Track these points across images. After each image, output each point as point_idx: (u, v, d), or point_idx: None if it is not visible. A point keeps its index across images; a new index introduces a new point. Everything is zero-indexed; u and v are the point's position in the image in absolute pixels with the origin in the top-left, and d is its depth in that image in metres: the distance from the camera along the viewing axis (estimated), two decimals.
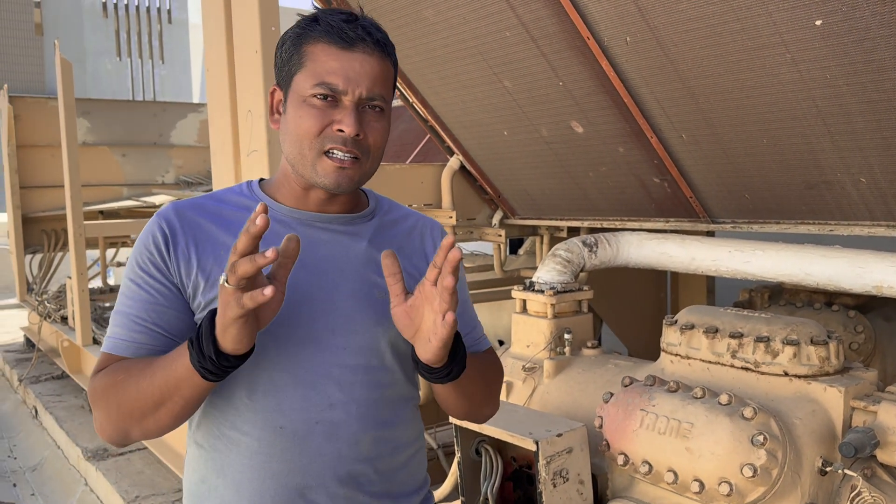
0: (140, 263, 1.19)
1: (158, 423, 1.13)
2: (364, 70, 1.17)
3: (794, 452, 1.89)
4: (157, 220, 1.22)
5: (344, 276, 1.23)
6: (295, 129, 1.18)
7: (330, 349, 1.20)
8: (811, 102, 2.31)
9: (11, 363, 7.05)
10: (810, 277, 2.49)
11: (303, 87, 1.17)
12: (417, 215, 1.39)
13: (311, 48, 1.18)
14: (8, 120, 7.14)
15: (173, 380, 1.08)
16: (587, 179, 3.31)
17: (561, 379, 2.60)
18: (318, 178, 1.19)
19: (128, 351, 1.17)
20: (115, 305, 1.22)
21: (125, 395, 1.12)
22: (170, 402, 1.10)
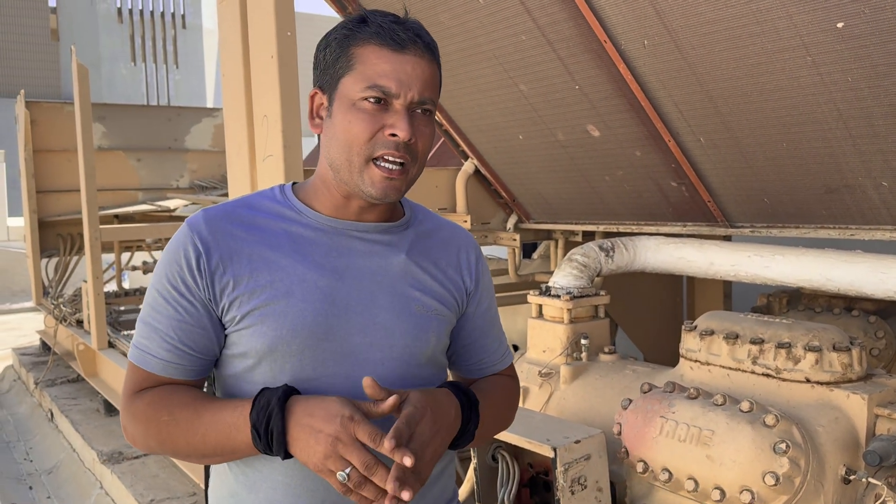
0: (169, 277, 1.17)
1: (200, 462, 1.18)
2: (416, 73, 1.13)
3: (816, 460, 1.86)
4: (189, 232, 1.17)
5: (382, 289, 1.21)
6: (344, 134, 1.14)
7: (368, 363, 1.18)
8: (832, 105, 2.28)
9: (28, 366, 7.09)
10: (831, 282, 2.46)
11: (352, 90, 1.13)
12: (452, 226, 1.37)
13: (361, 50, 1.14)
14: (25, 125, 7.18)
15: (229, 446, 1.11)
16: (603, 183, 3.29)
17: (578, 385, 2.58)
18: (365, 186, 1.15)
19: (158, 369, 1.17)
20: (141, 310, 1.20)
21: (170, 441, 1.15)
22: (219, 457, 1.15)
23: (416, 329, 1.22)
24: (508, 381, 1.42)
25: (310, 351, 1.16)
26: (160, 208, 7.38)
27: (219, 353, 1.21)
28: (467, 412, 1.19)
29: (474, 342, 1.37)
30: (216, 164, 8.14)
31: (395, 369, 1.21)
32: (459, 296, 1.31)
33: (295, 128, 2.75)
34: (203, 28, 26.75)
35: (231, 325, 1.17)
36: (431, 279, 1.26)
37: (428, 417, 1.10)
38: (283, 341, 1.14)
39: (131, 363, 1.19)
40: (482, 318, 1.37)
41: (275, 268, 1.16)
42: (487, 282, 1.37)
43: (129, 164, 7.79)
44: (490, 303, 1.39)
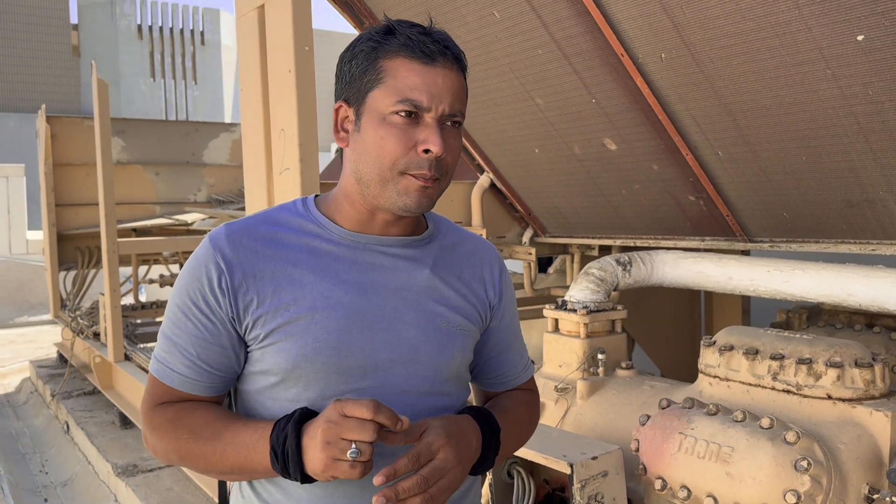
0: (190, 294, 1.16)
1: (219, 477, 1.19)
2: (446, 85, 1.11)
3: (839, 479, 1.83)
4: (212, 250, 1.15)
5: (406, 304, 1.19)
6: (376, 150, 1.12)
7: (392, 379, 1.17)
8: (852, 119, 2.26)
9: (45, 378, 7.13)
10: (852, 298, 2.43)
11: (382, 103, 1.11)
12: (475, 239, 1.35)
13: (390, 63, 1.11)
14: (45, 139, 7.27)
15: (248, 467, 1.11)
16: (620, 197, 3.27)
17: (595, 400, 2.56)
18: (399, 199, 1.13)
19: (177, 384, 1.18)
20: (162, 322, 1.20)
21: (190, 457, 1.15)
22: (237, 476, 1.16)
23: (441, 345, 1.20)
24: (529, 396, 1.40)
25: (334, 368, 1.14)
26: (177, 222, 7.44)
27: (239, 371, 1.20)
28: (488, 439, 1.18)
29: (497, 356, 1.35)
30: (233, 179, 8.20)
31: (420, 385, 1.19)
32: (483, 310, 1.29)
33: (312, 141, 2.76)
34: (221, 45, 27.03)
35: (254, 342, 1.16)
36: (456, 294, 1.24)
37: (449, 447, 1.08)
38: (306, 359, 1.13)
39: (152, 375, 1.19)
40: (505, 331, 1.35)
41: (298, 285, 1.14)
42: (511, 295, 1.36)
43: (147, 178, 7.86)
44: (512, 317, 1.37)
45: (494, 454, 1.19)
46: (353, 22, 3.38)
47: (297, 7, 2.70)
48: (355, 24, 3.38)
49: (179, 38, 26.64)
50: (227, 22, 27.16)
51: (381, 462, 1.12)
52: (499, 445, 1.20)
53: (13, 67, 24.36)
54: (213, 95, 27.20)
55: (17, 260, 12.68)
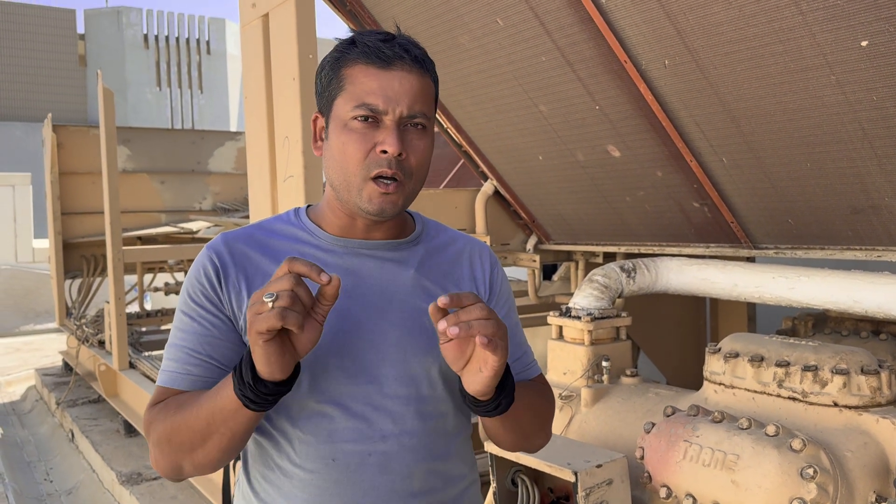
0: (193, 296, 1.19)
1: (208, 457, 1.11)
2: (403, 88, 1.14)
3: (845, 487, 1.81)
4: (208, 252, 1.21)
5: (392, 305, 1.21)
6: (340, 156, 1.16)
7: (381, 380, 1.18)
8: (857, 125, 2.26)
9: (50, 387, 7.14)
10: (858, 305, 2.41)
11: (343, 110, 1.15)
12: (464, 238, 1.36)
13: (350, 70, 1.16)
14: (51, 148, 7.31)
15: (219, 411, 1.07)
16: (624, 204, 3.27)
17: (599, 408, 2.54)
18: (363, 204, 1.16)
19: (183, 383, 1.16)
20: (169, 338, 1.21)
21: (175, 429, 1.11)
22: (217, 435, 1.08)
23: (427, 343, 1.21)
24: (539, 381, 1.36)
25: (323, 368, 1.16)
26: (183, 230, 7.45)
27: None
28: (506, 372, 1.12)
29: None
30: (238, 187, 8.21)
31: (409, 385, 1.20)
32: None
33: None
34: (227, 54, 27.17)
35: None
36: (443, 292, 1.24)
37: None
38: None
39: (158, 387, 1.19)
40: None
41: None
42: (506, 289, 1.36)
43: (152, 187, 7.88)
44: (509, 311, 1.36)
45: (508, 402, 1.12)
46: (354, 24, 3.39)
47: (300, 15, 2.71)
48: (356, 26, 3.39)
49: (185, 47, 26.78)
50: (232, 31, 27.30)
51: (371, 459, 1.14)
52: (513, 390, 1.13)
53: (20, 77, 24.51)
54: (219, 104, 27.32)
55: (22, 268, 12.73)
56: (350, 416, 1.17)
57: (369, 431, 1.17)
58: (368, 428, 1.17)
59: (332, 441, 1.16)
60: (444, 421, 1.24)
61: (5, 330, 11.80)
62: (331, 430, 1.16)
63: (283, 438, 1.19)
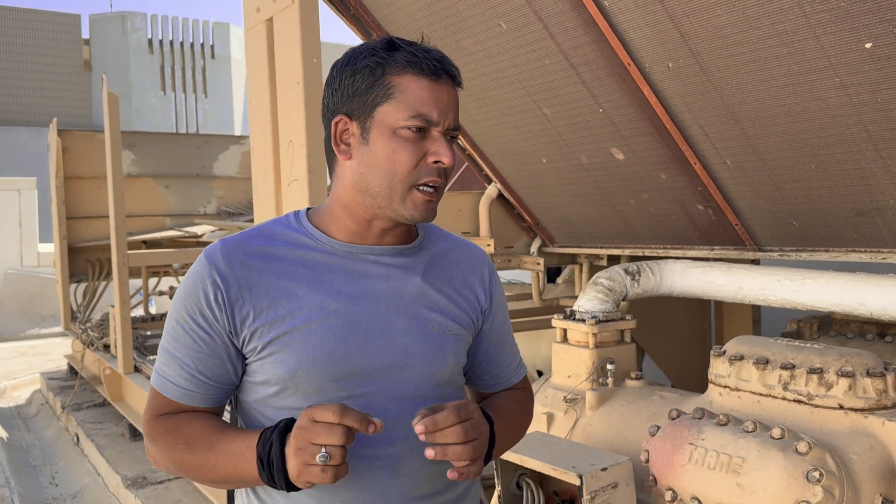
0: (188, 309, 1.19)
1: (216, 486, 1.21)
2: (450, 100, 1.18)
3: (851, 490, 1.81)
4: (207, 266, 1.18)
5: (399, 311, 1.22)
6: (387, 163, 1.16)
7: (388, 385, 1.20)
8: (861, 127, 2.25)
9: (55, 390, 7.16)
10: (863, 307, 2.41)
11: (394, 118, 1.15)
12: (464, 244, 1.38)
13: (398, 79, 1.15)
14: (56, 152, 7.33)
15: (237, 475, 1.13)
16: (628, 207, 3.27)
17: (604, 411, 2.54)
18: (407, 211, 1.17)
19: (177, 396, 1.20)
20: (162, 337, 1.23)
21: (185, 467, 1.18)
22: (232, 485, 1.18)
23: (434, 350, 1.23)
24: (522, 394, 1.43)
25: (331, 376, 1.17)
26: (187, 234, 7.47)
27: (237, 382, 1.23)
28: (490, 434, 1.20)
29: (489, 358, 1.38)
30: (243, 191, 8.23)
31: (415, 390, 1.22)
32: (475, 314, 1.32)
33: (320, 152, 2.77)
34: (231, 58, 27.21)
35: (252, 354, 1.19)
36: (447, 300, 1.27)
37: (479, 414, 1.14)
38: (304, 368, 1.16)
39: (153, 387, 1.23)
40: (497, 333, 1.39)
41: (293, 297, 1.18)
42: (500, 297, 1.39)
43: (157, 191, 7.90)
44: (503, 318, 1.41)
45: (492, 447, 1.21)
46: (361, 34, 3.40)
47: (304, 19, 2.72)
48: (363, 36, 3.40)
49: (189, 51, 26.84)
50: (236, 35, 27.36)
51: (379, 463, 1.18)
52: (494, 439, 1.21)
53: (25, 82, 24.60)
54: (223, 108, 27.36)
55: (28, 272, 12.76)
56: None
57: (378, 436, 1.17)
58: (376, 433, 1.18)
59: None
60: None
61: (11, 334, 11.83)
62: None
63: None
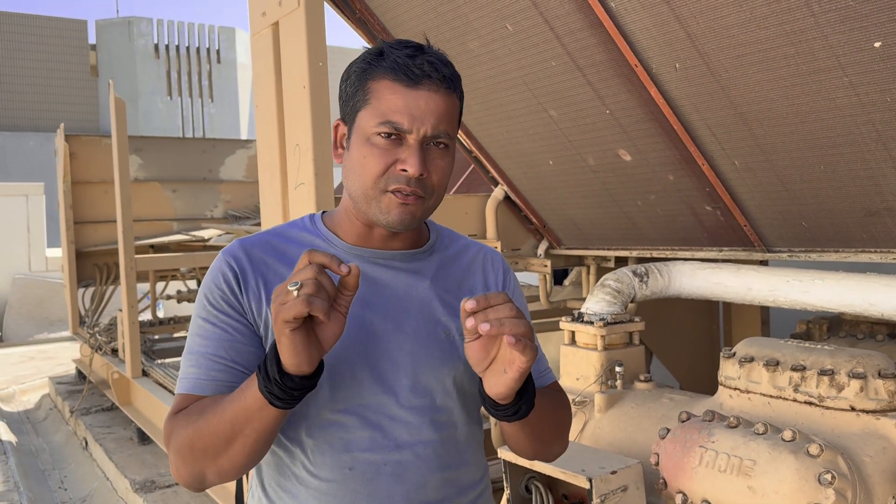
0: (212, 301, 1.17)
1: (233, 462, 1.08)
2: (429, 107, 1.14)
3: (864, 492, 1.79)
4: (226, 257, 1.20)
5: (408, 316, 1.21)
6: (359, 168, 1.16)
7: (396, 390, 1.18)
8: (871, 126, 2.24)
9: (63, 395, 7.18)
10: (874, 308, 2.39)
11: (367, 124, 1.15)
12: (476, 245, 1.36)
13: (376, 85, 1.15)
14: (64, 158, 7.36)
15: (243, 411, 1.04)
16: (635, 208, 3.25)
17: (613, 413, 2.53)
18: (381, 215, 1.16)
19: (207, 389, 1.14)
20: (186, 346, 1.19)
21: (198, 434, 1.09)
22: (242, 437, 1.06)
23: (443, 354, 1.22)
24: (555, 389, 1.35)
25: (340, 378, 1.16)
26: (195, 238, 7.49)
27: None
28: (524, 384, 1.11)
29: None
30: (249, 195, 8.25)
31: (424, 396, 1.20)
32: None
33: (326, 156, 2.77)
34: (237, 62, 27.32)
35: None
36: (457, 303, 1.25)
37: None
38: None
39: (179, 395, 1.17)
40: None
41: None
42: (518, 296, 1.36)
43: (164, 195, 7.92)
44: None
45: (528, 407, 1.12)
46: (367, 38, 3.40)
47: (310, 24, 2.72)
48: (369, 39, 3.40)
49: (196, 56, 26.95)
50: (242, 40, 27.45)
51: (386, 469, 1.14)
52: (533, 396, 1.13)
53: (32, 87, 24.74)
54: (230, 112, 27.46)
55: (36, 277, 12.81)
56: (366, 425, 1.17)
57: (385, 441, 1.17)
58: (384, 438, 1.17)
59: (348, 450, 1.17)
60: (457, 430, 1.24)
61: (19, 339, 11.88)
62: (347, 439, 1.17)
63: (299, 447, 1.19)
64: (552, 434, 1.29)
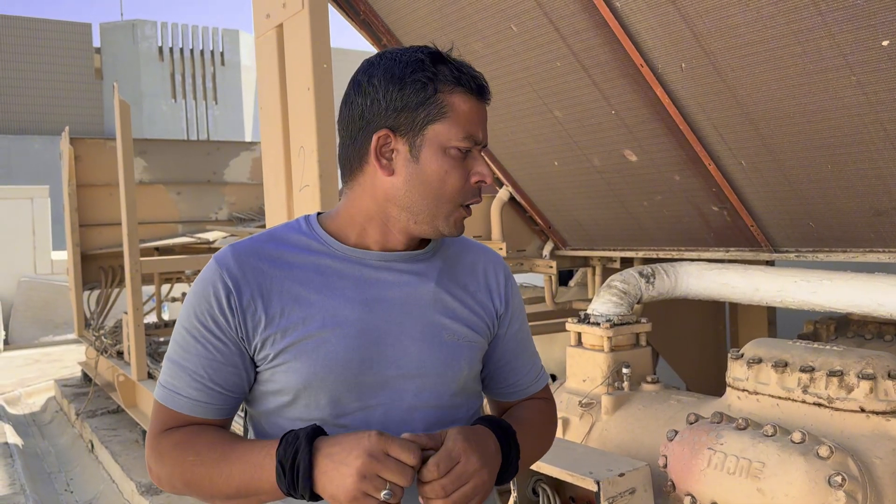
0: (198, 315, 1.15)
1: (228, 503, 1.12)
2: (486, 118, 1.20)
3: (874, 494, 1.78)
4: (218, 269, 1.16)
5: (412, 319, 1.20)
6: (438, 182, 1.16)
7: (402, 394, 1.17)
8: (878, 126, 2.22)
9: (69, 397, 7.19)
10: (883, 308, 2.38)
11: (445, 137, 1.15)
12: (477, 247, 1.36)
13: (451, 98, 1.15)
14: (69, 160, 7.37)
15: (253, 486, 1.07)
16: (641, 209, 3.24)
17: (620, 415, 2.52)
18: (447, 228, 1.19)
19: (186, 408, 1.15)
20: (169, 348, 1.18)
21: (195, 482, 1.11)
22: (245, 500, 1.10)
23: (447, 358, 1.21)
24: (544, 404, 1.39)
25: (344, 385, 1.15)
26: (199, 240, 7.48)
27: (248, 391, 1.20)
28: (506, 444, 1.16)
29: (507, 364, 1.35)
30: (254, 197, 8.25)
31: (429, 399, 1.20)
32: (490, 320, 1.29)
33: (331, 158, 2.77)
34: (241, 65, 27.34)
35: (264, 362, 1.15)
36: (461, 306, 1.25)
37: (470, 451, 1.07)
38: (317, 377, 1.13)
39: (157, 403, 1.18)
40: (513, 339, 1.35)
41: (306, 304, 1.15)
42: (518, 303, 1.36)
43: (168, 198, 7.93)
44: (521, 324, 1.37)
45: (517, 458, 1.18)
46: (371, 40, 3.39)
47: (314, 25, 2.71)
48: (373, 41, 3.39)
49: (200, 59, 26.98)
50: (246, 42, 27.48)
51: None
52: (518, 448, 1.18)
53: (37, 91, 24.81)
54: (234, 115, 27.49)
55: (41, 280, 12.84)
56: (371, 428, 1.15)
57: None
58: None
59: None
60: None
61: (25, 341, 11.90)
62: None
63: None
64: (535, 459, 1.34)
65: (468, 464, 1.06)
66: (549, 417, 1.38)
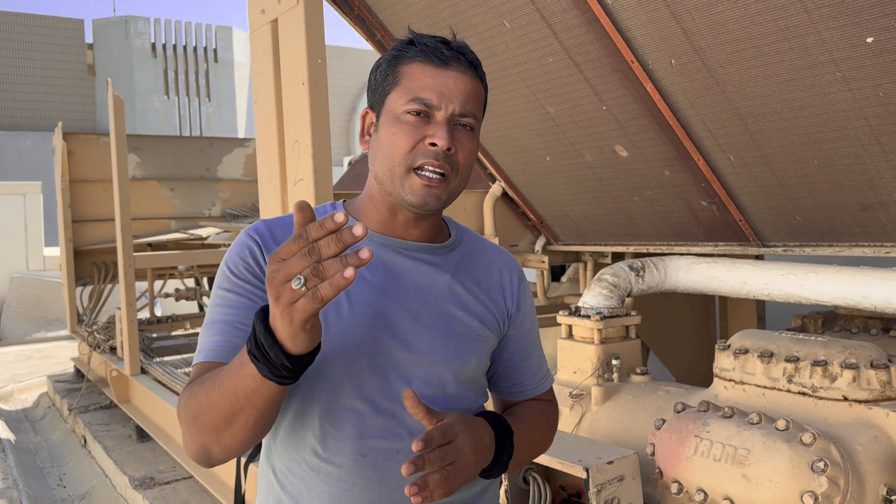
0: (236, 272, 1.17)
1: (235, 438, 1.05)
2: (457, 87, 1.17)
3: (856, 480, 1.82)
4: (249, 233, 1.21)
5: (427, 307, 1.22)
6: (388, 146, 1.18)
7: (410, 379, 1.19)
8: (864, 121, 2.27)
9: (62, 393, 7.19)
10: (867, 300, 2.42)
11: (396, 104, 1.18)
12: (493, 248, 1.39)
13: (406, 67, 1.19)
14: (62, 156, 7.36)
15: (242, 390, 0.99)
16: (632, 204, 3.28)
17: (610, 406, 2.56)
18: (405, 195, 1.17)
19: (228, 356, 1.10)
20: (206, 319, 1.16)
21: (200, 409, 1.05)
22: (242, 415, 1.02)
23: (458, 348, 1.23)
24: (547, 406, 1.42)
25: (355, 364, 1.16)
26: (192, 236, 7.49)
27: None
28: (501, 442, 1.19)
29: (514, 364, 1.37)
30: (247, 193, 8.26)
31: (436, 387, 1.22)
32: (501, 318, 1.32)
33: (325, 152, 2.79)
34: (234, 62, 27.28)
35: None
36: (475, 300, 1.27)
37: (468, 433, 1.09)
38: (331, 354, 1.15)
39: (195, 365, 1.14)
40: (522, 340, 1.38)
41: None
42: (529, 305, 1.39)
43: (162, 194, 7.93)
44: (531, 326, 1.40)
45: (508, 457, 1.20)
46: (366, 35, 3.42)
47: (309, 20, 2.74)
48: (367, 36, 3.42)
49: (193, 55, 26.90)
50: (239, 39, 27.40)
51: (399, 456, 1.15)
52: (512, 448, 1.21)
53: (30, 87, 24.69)
54: (227, 111, 27.41)
55: (34, 276, 12.80)
56: (379, 413, 1.18)
57: (398, 429, 1.18)
58: (397, 425, 1.18)
59: (361, 437, 1.17)
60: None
61: (17, 338, 11.87)
62: (361, 426, 1.17)
63: (312, 432, 1.19)
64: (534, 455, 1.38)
65: (461, 444, 1.08)
66: (549, 419, 1.41)
